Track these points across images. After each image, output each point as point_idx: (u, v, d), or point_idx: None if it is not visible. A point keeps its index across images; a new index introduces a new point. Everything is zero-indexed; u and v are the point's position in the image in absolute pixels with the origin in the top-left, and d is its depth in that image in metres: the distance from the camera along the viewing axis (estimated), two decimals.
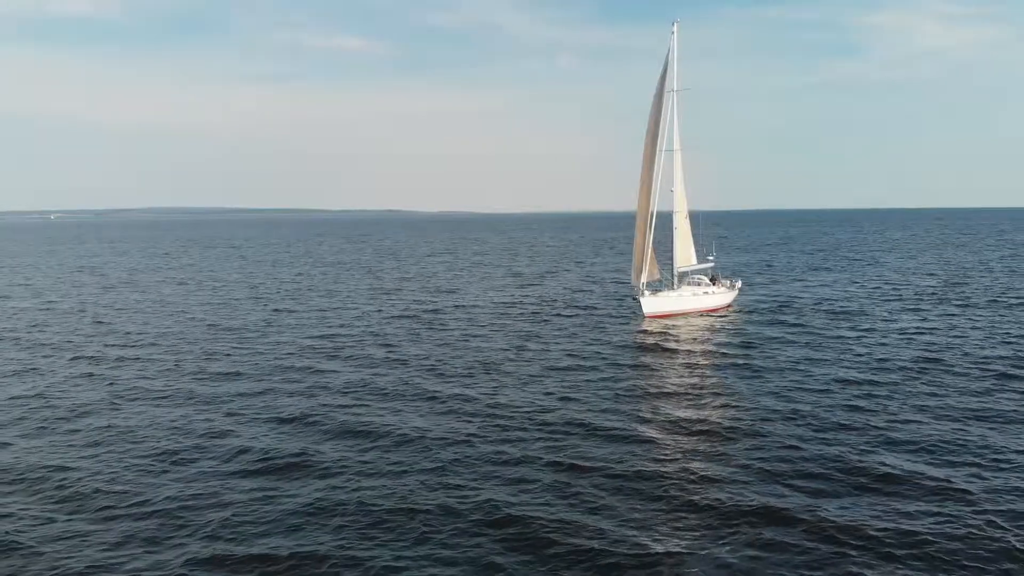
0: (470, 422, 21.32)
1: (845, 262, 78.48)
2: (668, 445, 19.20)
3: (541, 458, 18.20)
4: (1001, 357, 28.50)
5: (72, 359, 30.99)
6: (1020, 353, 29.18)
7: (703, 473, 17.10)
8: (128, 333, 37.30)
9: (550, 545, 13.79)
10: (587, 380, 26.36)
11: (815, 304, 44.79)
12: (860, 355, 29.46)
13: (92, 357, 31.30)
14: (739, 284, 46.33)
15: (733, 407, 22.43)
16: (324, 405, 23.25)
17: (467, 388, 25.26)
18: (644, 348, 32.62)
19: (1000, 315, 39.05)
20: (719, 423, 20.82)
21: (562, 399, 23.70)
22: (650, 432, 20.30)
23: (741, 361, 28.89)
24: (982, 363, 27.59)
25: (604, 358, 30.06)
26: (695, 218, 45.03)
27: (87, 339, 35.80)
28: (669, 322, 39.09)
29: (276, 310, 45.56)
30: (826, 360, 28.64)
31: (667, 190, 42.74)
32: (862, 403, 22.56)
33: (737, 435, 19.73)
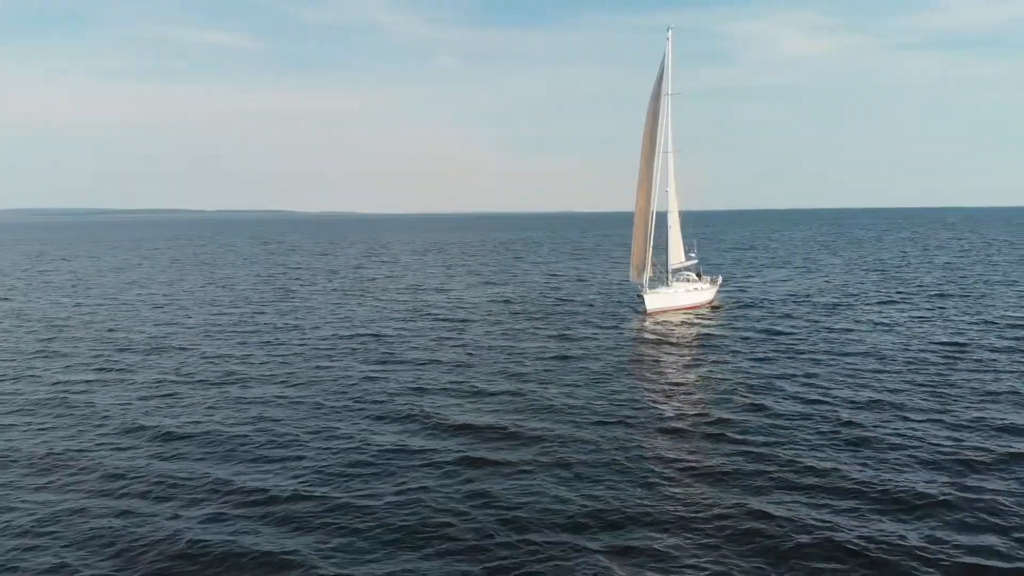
0: (567, 420, 21.45)
1: (779, 259, 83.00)
2: (764, 431, 20.34)
3: (660, 455, 18.96)
4: (1013, 340, 31.42)
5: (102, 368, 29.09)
6: (1015, 335, 32.28)
7: (819, 451, 18.30)
8: (156, 347, 35.19)
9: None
10: (647, 375, 27.33)
11: (791, 298, 47.41)
12: (882, 345, 31.50)
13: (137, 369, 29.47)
14: (720, 280, 48.50)
15: (800, 396, 23.71)
16: (420, 405, 22.94)
17: (538, 386, 25.43)
18: (674, 343, 33.61)
19: (967, 304, 42.67)
20: (803, 408, 22.11)
21: (627, 393, 24.55)
22: (755, 419, 21.39)
23: (776, 353, 30.36)
24: (1003, 348, 30.18)
25: (650, 356, 31.15)
26: (684, 217, 46.87)
27: (116, 351, 33.54)
28: (670, 317, 40.46)
29: (282, 311, 44.39)
30: (852, 351, 30.30)
31: (662, 190, 44.34)
32: (933, 388, 24.34)
33: (832, 421, 20.95)
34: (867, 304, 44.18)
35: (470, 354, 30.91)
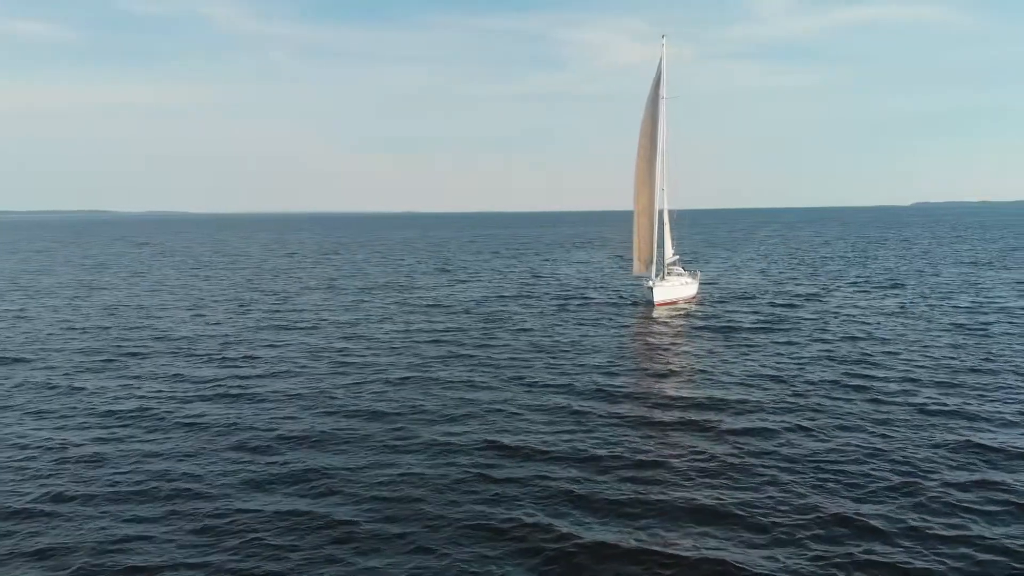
0: (618, 413, 22.02)
1: (698, 257, 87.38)
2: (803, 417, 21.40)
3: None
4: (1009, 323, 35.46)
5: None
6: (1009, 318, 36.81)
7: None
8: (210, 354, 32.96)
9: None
10: (678, 363, 28.33)
11: (766, 290, 50.78)
12: (894, 330, 33.90)
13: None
14: (699, 275, 51.39)
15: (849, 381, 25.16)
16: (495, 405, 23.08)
17: (580, 378, 26.03)
18: (691, 332, 34.79)
19: (916, 289, 47.83)
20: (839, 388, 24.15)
21: (664, 378, 26.02)
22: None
23: (795, 338, 32.33)
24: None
25: (675, 344, 32.13)
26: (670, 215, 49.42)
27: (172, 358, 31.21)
28: (672, 309, 42.48)
29: (303, 309, 43.59)
30: (863, 338, 32.21)
31: (658, 189, 46.63)
32: (984, 364, 26.95)
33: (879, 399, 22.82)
34: (849, 293, 48.09)
35: (521, 347, 31.61)
